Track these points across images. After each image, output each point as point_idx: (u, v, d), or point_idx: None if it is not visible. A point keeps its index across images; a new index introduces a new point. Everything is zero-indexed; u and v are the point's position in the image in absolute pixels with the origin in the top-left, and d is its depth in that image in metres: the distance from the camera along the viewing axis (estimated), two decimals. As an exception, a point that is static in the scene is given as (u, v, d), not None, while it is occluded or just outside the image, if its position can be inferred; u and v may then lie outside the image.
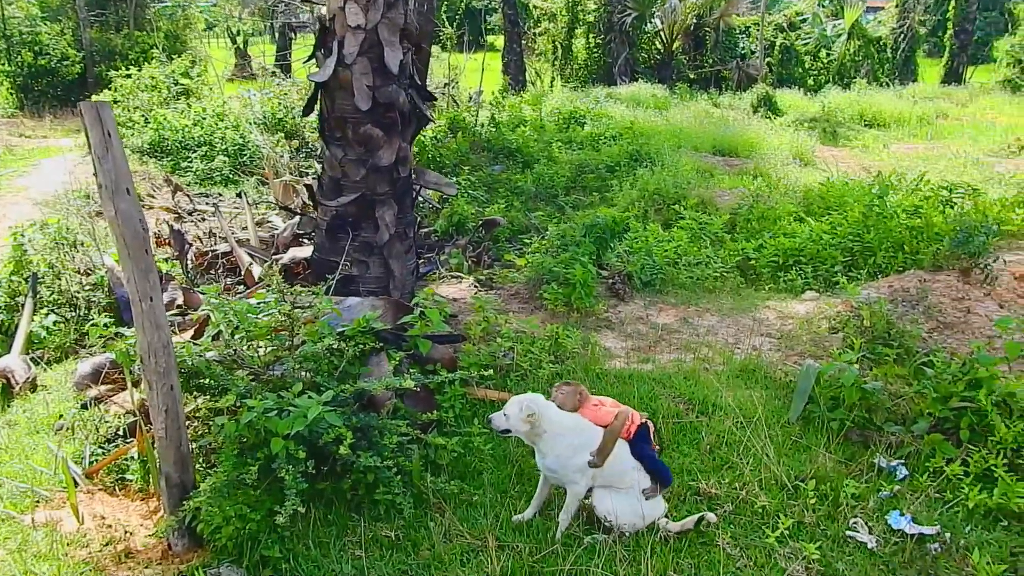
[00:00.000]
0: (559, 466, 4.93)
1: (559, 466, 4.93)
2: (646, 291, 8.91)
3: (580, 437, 4.89)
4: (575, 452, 4.87)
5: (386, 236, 7.43)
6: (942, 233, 8.75)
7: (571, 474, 4.93)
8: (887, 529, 5.02)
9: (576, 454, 4.87)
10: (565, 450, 4.89)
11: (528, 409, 4.85)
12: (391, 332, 6.25)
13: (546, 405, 4.96)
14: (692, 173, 13.36)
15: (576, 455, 4.87)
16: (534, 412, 4.84)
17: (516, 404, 4.91)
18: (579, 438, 4.89)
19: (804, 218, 10.22)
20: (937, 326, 7.24)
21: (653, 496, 4.96)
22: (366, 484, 5.30)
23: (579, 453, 4.87)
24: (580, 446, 4.87)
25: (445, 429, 6.11)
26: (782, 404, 6.47)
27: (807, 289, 8.90)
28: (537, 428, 4.88)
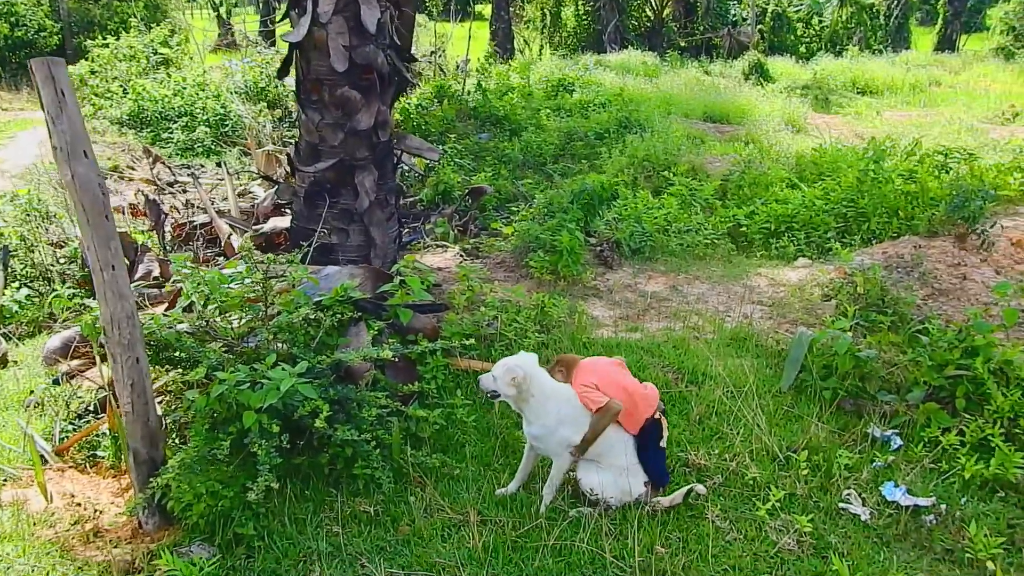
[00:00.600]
0: (544, 434, 4.73)
1: (544, 434, 4.73)
2: (635, 259, 8.71)
3: (569, 408, 4.68)
4: (561, 423, 4.67)
5: (366, 203, 7.18)
6: (937, 198, 8.56)
7: (556, 445, 4.75)
8: (881, 501, 4.87)
9: (562, 425, 4.67)
10: (552, 419, 4.68)
11: (512, 372, 4.64)
12: (370, 301, 6.04)
13: (535, 368, 4.73)
14: (682, 140, 13.12)
15: (562, 426, 4.68)
16: (520, 375, 4.64)
17: (503, 366, 4.70)
18: (568, 408, 4.68)
19: (797, 184, 10.01)
20: (932, 293, 7.07)
21: (648, 502, 4.77)
22: (344, 458, 5.12)
23: (566, 425, 4.68)
24: (568, 418, 4.67)
25: (427, 401, 5.93)
26: (774, 373, 6.31)
27: (799, 256, 8.71)
28: (524, 392, 4.67)
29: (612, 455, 4.75)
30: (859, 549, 4.50)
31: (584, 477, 4.79)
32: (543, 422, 4.71)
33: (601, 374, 4.76)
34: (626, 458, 4.74)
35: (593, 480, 4.75)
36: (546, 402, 4.69)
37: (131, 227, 9.41)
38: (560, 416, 4.67)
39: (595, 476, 4.76)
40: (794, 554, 4.46)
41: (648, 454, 4.81)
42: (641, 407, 4.72)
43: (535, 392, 4.68)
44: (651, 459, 4.81)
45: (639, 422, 4.73)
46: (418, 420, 5.50)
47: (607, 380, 4.72)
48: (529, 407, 4.73)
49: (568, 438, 4.69)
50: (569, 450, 4.73)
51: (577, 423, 4.68)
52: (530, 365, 4.73)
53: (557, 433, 4.70)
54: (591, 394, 4.64)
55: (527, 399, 4.70)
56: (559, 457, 4.77)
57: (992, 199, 7.61)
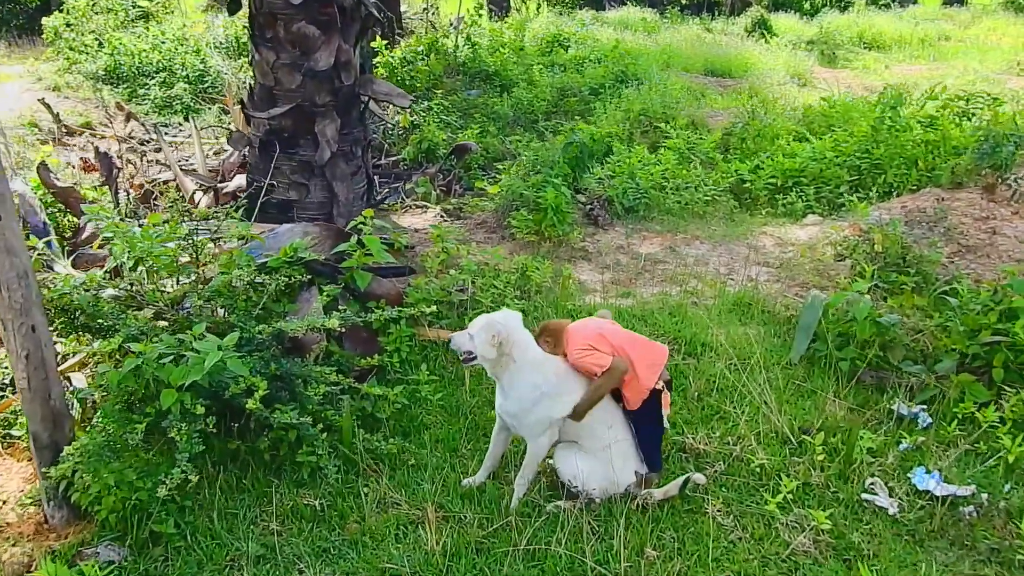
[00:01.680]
0: (519, 411, 4.03)
1: (519, 411, 4.03)
2: (628, 217, 7.95)
3: (553, 382, 3.96)
4: (541, 399, 3.96)
5: (327, 154, 6.41)
6: (961, 146, 7.78)
7: (533, 425, 4.04)
8: (911, 490, 4.18)
9: (542, 401, 3.96)
10: (530, 391, 3.96)
11: (493, 328, 3.92)
12: (324, 263, 5.31)
13: (519, 329, 4.00)
14: (682, 93, 12.28)
15: (541, 402, 3.96)
16: (501, 334, 3.91)
17: (483, 321, 3.99)
18: (552, 382, 3.96)
19: (805, 136, 9.21)
20: (959, 250, 6.34)
21: (638, 491, 4.07)
22: (288, 444, 4.43)
23: (545, 401, 3.96)
24: (550, 393, 3.96)
25: (388, 376, 5.24)
26: (783, 342, 5.59)
27: (809, 212, 7.94)
28: (504, 356, 3.96)
29: (596, 436, 4.04)
30: (888, 549, 3.81)
31: (563, 465, 4.10)
32: (520, 395, 3.99)
33: (595, 334, 4.02)
34: (613, 440, 4.05)
35: (573, 468, 4.05)
36: (527, 371, 3.97)
37: (79, 183, 8.63)
38: (541, 391, 3.95)
39: (576, 464, 4.05)
40: (810, 556, 3.78)
41: (645, 432, 4.11)
42: (643, 375, 3.98)
43: (516, 357, 3.96)
44: (647, 438, 4.11)
45: (641, 392, 4.00)
46: (375, 399, 4.81)
47: (605, 340, 3.99)
48: (507, 375, 4.01)
49: (548, 416, 3.98)
50: (547, 432, 4.02)
51: (561, 400, 3.96)
52: (514, 323, 4.01)
53: (536, 410, 3.98)
54: (591, 357, 3.92)
55: (506, 365, 3.98)
56: (535, 441, 4.06)
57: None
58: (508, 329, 3.95)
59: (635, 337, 4.15)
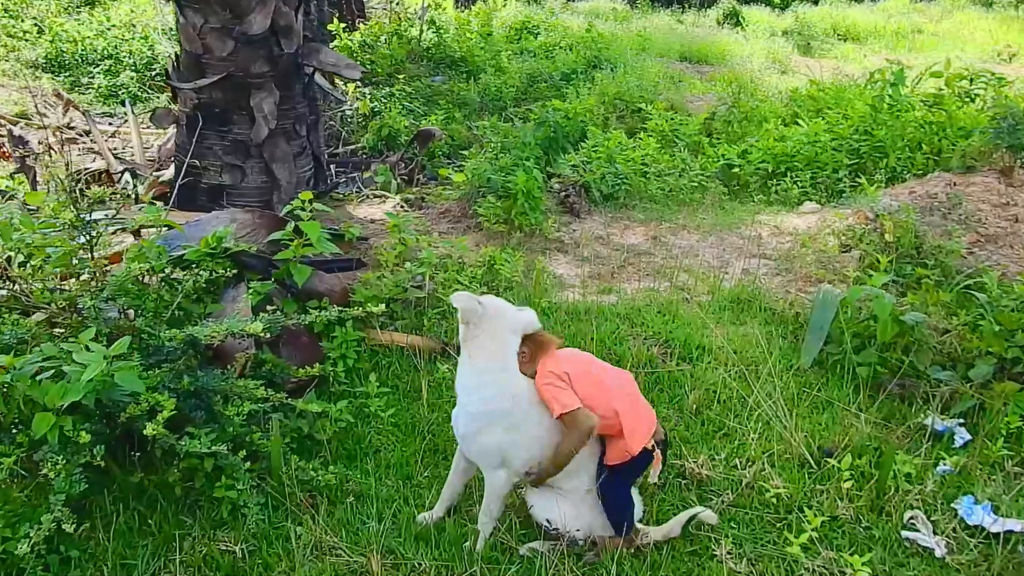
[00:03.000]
0: (465, 431, 3.25)
1: (465, 431, 3.25)
2: (607, 205, 7.19)
3: (505, 406, 3.14)
4: (491, 423, 3.16)
5: (264, 131, 5.59)
6: (968, 128, 7.14)
7: (481, 453, 3.25)
8: (959, 525, 3.46)
9: (492, 427, 3.16)
10: (479, 407, 3.17)
11: (468, 302, 3.11)
12: (255, 255, 4.49)
13: (499, 319, 3.15)
14: (659, 77, 11.59)
15: (492, 428, 3.17)
16: (475, 311, 3.11)
17: (467, 295, 3.17)
18: (504, 405, 3.14)
19: (796, 120, 8.52)
20: (978, 239, 5.67)
21: (594, 560, 3.28)
22: (204, 475, 3.61)
23: (495, 429, 3.16)
24: (501, 420, 3.15)
25: (331, 389, 4.44)
26: (790, 345, 4.87)
27: (805, 200, 7.25)
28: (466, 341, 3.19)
29: (575, 477, 3.27)
30: (941, 605, 3.09)
31: (538, 504, 3.32)
32: (469, 410, 3.20)
33: (584, 368, 3.21)
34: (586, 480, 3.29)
35: (551, 510, 3.28)
36: (481, 376, 3.17)
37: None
38: (492, 413, 3.15)
39: (553, 504, 3.28)
40: (847, 614, 3.04)
41: (617, 487, 3.26)
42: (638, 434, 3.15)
43: (472, 351, 3.17)
44: (613, 494, 3.25)
45: (622, 455, 3.18)
46: (314, 417, 4.01)
47: (588, 378, 3.17)
48: (459, 375, 3.25)
49: (497, 448, 3.18)
50: (501, 468, 3.23)
51: (517, 436, 3.17)
52: (498, 309, 3.18)
53: (484, 436, 3.19)
54: (558, 392, 3.08)
55: (463, 357, 3.22)
56: (491, 473, 3.27)
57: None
58: (486, 309, 3.13)
59: (634, 389, 3.31)
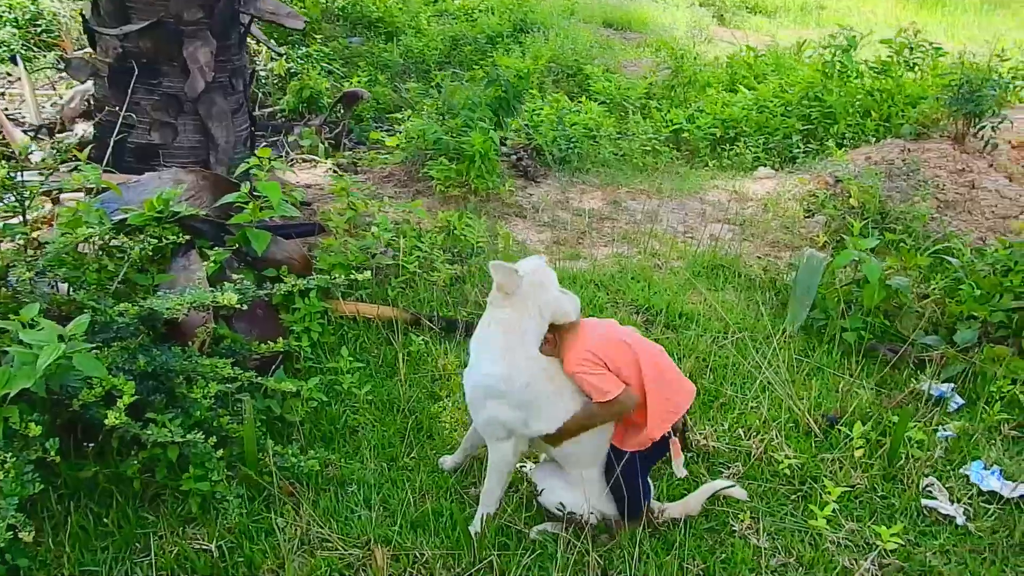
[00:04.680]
0: (470, 398, 3.01)
1: (470, 398, 3.01)
2: (561, 169, 6.93)
3: (517, 385, 2.86)
4: (495, 397, 2.90)
5: (200, 84, 5.06)
6: (915, 96, 7.19)
7: (484, 424, 3.00)
8: (972, 490, 3.40)
9: (495, 400, 2.90)
10: (483, 380, 2.92)
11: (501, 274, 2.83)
12: (207, 220, 4.03)
13: (535, 293, 2.86)
14: (591, 43, 11.37)
15: (495, 402, 2.90)
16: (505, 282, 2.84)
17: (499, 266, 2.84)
18: (514, 384, 2.87)
19: (737, 86, 8.45)
20: (937, 205, 5.69)
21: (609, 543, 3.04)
22: (167, 465, 3.20)
23: (500, 403, 2.89)
24: (506, 398, 2.88)
25: (297, 365, 4.05)
26: (772, 311, 4.75)
27: (759, 165, 7.17)
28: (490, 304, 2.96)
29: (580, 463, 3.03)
30: (971, 573, 3.00)
31: (548, 487, 3.06)
32: (474, 379, 2.96)
33: (617, 343, 2.90)
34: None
35: (562, 493, 3.03)
36: (496, 347, 2.89)
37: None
38: (498, 387, 2.88)
39: (565, 488, 3.04)
40: (881, 588, 2.92)
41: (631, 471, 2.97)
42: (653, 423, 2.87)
43: (494, 315, 2.92)
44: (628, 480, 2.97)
45: (642, 442, 2.92)
46: (284, 396, 3.62)
47: (627, 355, 2.87)
48: (479, 330, 2.99)
49: (501, 422, 2.92)
50: (509, 440, 2.96)
51: (527, 409, 2.90)
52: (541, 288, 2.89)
53: (486, 409, 2.94)
54: (597, 380, 2.80)
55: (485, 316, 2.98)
56: (493, 446, 3.01)
57: (1005, 88, 6.26)
58: (522, 284, 2.84)
59: (666, 365, 2.98)
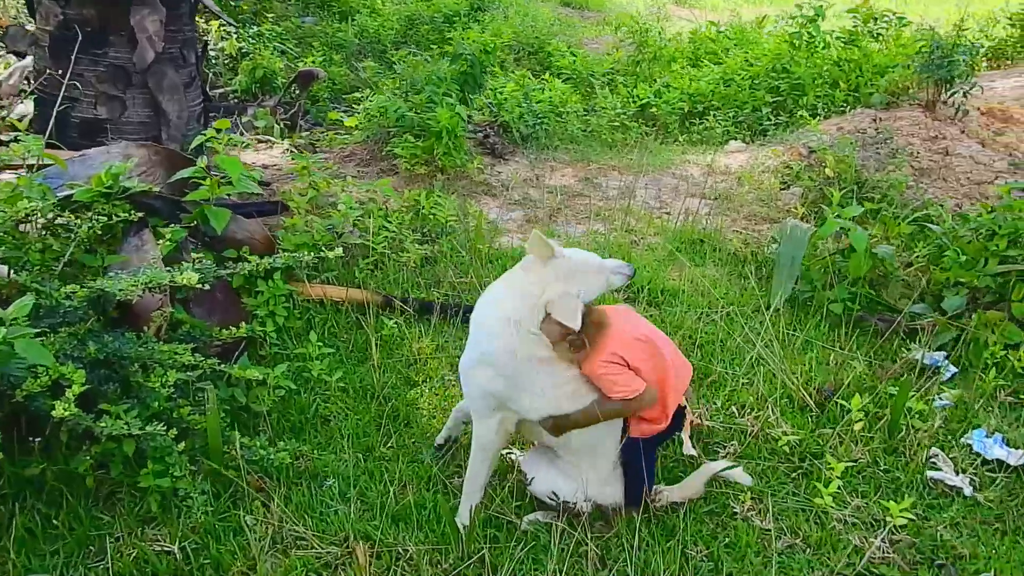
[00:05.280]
0: (463, 367, 2.81)
1: (463, 367, 2.81)
2: (528, 146, 6.72)
3: (510, 364, 2.66)
4: (486, 368, 2.70)
5: (150, 55, 4.73)
6: (883, 65, 7.13)
7: (471, 394, 2.81)
8: (976, 459, 3.29)
9: (485, 370, 2.71)
10: (474, 349, 2.75)
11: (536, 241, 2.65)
12: (160, 197, 3.74)
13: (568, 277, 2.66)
14: (551, 21, 11.19)
15: (485, 372, 2.71)
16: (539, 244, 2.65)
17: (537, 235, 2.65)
18: (506, 364, 2.66)
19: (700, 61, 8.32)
20: (912, 173, 5.61)
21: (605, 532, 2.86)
22: (123, 460, 2.93)
23: (491, 374, 2.70)
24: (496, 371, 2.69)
25: (262, 352, 3.80)
26: (755, 284, 4.60)
27: (730, 139, 7.05)
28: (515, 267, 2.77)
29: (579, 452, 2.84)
30: (986, 545, 2.88)
31: (539, 477, 2.87)
32: (471, 346, 2.78)
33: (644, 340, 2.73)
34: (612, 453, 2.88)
35: (554, 482, 2.84)
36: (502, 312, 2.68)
37: None
38: (488, 360, 2.69)
39: (556, 475, 2.85)
40: (893, 564, 2.78)
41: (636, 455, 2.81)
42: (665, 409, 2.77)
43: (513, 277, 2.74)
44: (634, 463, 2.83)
45: (652, 429, 2.80)
46: (249, 385, 3.37)
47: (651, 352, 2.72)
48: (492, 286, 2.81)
49: (489, 394, 2.72)
50: (496, 416, 2.76)
51: (518, 385, 2.69)
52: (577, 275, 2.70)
53: (475, 378, 2.75)
54: (620, 377, 2.63)
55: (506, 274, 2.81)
56: (479, 422, 2.81)
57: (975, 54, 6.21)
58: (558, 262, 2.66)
59: (673, 351, 2.85)
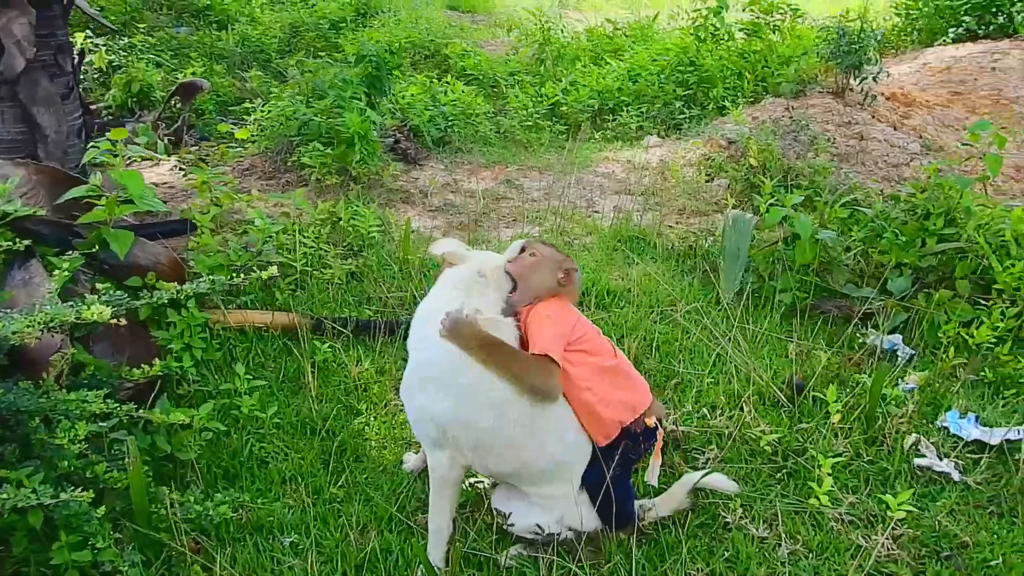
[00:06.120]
0: (406, 381, 2.52)
1: (406, 381, 2.52)
2: (441, 150, 6.41)
3: (441, 365, 2.39)
4: (424, 384, 2.42)
5: (20, 63, 4.16)
6: (784, 56, 7.19)
7: (417, 419, 2.50)
8: (955, 442, 3.21)
9: (425, 388, 2.42)
10: (411, 370, 2.50)
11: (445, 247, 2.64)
12: (48, 220, 3.25)
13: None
14: (445, 24, 10.93)
15: (425, 390, 2.42)
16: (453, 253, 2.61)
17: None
18: (437, 364, 2.40)
19: (600, 59, 8.23)
20: (831, 159, 5.61)
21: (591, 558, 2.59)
22: (28, 534, 2.47)
23: (431, 390, 2.41)
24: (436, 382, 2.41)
25: (180, 391, 3.36)
26: (699, 279, 4.45)
27: (645, 134, 6.93)
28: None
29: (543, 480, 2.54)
30: (985, 532, 2.77)
31: (517, 511, 2.56)
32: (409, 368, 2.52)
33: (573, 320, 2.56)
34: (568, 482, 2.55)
35: (534, 516, 2.54)
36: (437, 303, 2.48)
37: None
38: (423, 373, 2.43)
39: (531, 508, 2.55)
40: (901, 562, 2.63)
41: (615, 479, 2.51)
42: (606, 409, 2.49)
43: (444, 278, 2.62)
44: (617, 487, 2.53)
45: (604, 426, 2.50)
46: (171, 430, 2.94)
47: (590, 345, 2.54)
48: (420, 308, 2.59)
49: (428, 411, 2.41)
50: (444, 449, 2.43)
51: (457, 397, 2.38)
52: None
53: (417, 400, 2.46)
54: (550, 330, 2.40)
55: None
56: (430, 453, 2.50)
57: (881, 41, 6.31)
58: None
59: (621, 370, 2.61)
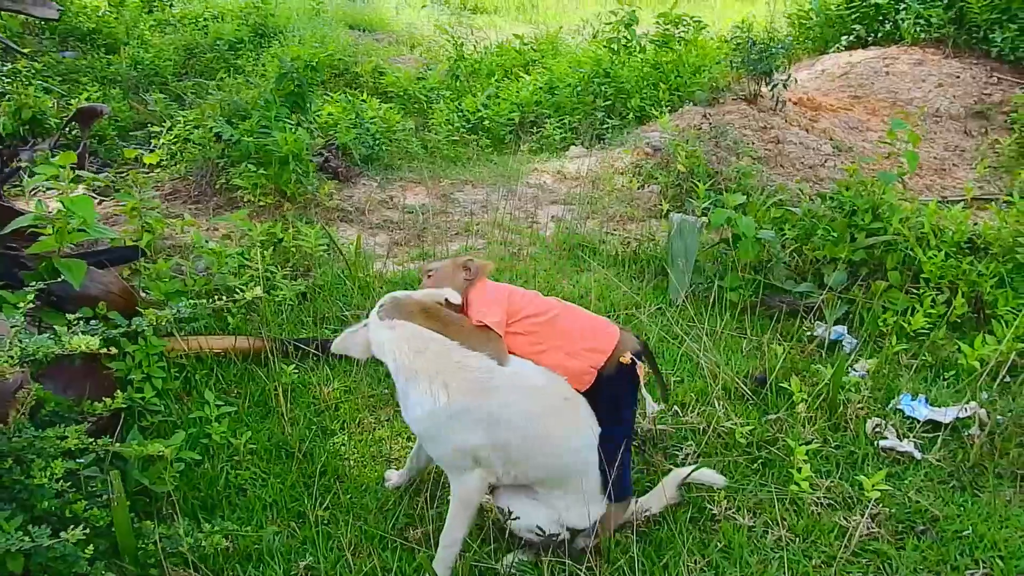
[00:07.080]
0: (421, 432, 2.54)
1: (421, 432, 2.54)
2: (370, 168, 6.34)
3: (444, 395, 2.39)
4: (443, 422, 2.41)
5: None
6: (694, 66, 7.46)
7: (443, 456, 2.50)
8: (911, 424, 3.41)
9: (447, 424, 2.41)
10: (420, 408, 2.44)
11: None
12: None
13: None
14: (350, 42, 10.83)
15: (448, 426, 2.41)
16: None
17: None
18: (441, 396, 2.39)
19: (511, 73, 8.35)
20: (751, 163, 5.86)
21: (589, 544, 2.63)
22: (7, 584, 2.32)
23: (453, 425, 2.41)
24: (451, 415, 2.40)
25: (143, 423, 3.21)
26: (647, 282, 4.57)
27: (568, 145, 7.04)
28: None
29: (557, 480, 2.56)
30: (952, 505, 2.96)
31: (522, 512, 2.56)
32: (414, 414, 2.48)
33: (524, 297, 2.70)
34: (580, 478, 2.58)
35: (536, 516, 2.56)
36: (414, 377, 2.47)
37: None
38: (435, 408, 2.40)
39: (535, 508, 2.56)
40: (882, 539, 2.78)
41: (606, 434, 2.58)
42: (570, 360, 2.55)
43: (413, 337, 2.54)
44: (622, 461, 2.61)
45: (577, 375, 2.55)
46: (144, 464, 2.82)
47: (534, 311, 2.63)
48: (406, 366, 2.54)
49: (465, 445, 2.41)
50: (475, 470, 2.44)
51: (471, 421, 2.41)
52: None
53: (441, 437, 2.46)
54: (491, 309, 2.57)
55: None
56: (458, 480, 2.49)
57: (789, 49, 6.63)
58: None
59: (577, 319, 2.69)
